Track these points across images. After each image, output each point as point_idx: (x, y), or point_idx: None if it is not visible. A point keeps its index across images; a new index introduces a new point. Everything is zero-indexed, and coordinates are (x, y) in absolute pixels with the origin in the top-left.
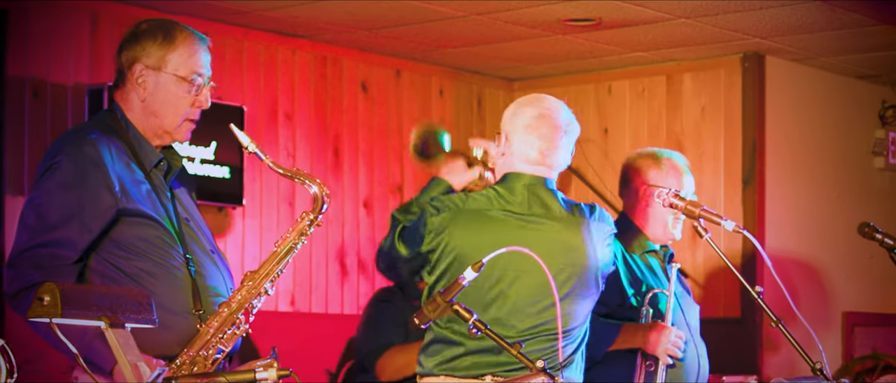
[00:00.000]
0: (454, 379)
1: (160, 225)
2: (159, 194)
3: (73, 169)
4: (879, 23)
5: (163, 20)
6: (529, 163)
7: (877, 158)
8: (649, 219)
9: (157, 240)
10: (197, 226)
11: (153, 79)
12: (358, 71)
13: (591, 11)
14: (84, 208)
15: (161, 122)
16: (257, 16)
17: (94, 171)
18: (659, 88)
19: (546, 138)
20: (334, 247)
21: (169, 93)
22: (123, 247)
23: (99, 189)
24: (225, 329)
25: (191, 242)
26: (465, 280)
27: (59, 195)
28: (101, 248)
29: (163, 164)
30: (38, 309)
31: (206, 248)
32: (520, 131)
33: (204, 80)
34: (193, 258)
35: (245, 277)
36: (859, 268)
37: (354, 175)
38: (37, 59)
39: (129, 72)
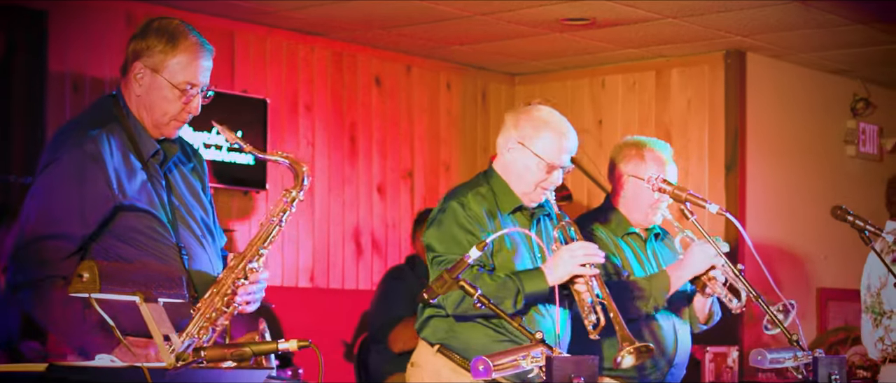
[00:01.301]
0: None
1: (154, 216)
2: (154, 184)
3: (73, 165)
4: (852, 22)
5: (173, 23)
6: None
7: (848, 147)
8: (629, 205)
9: (151, 231)
10: (188, 211)
11: (149, 79)
12: (372, 66)
13: (586, 11)
14: (83, 203)
15: (152, 118)
16: (279, 15)
17: (93, 167)
18: (649, 82)
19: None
20: (350, 228)
21: (161, 95)
22: (120, 238)
23: (97, 184)
24: (215, 309)
25: (182, 229)
26: (470, 258)
27: (59, 190)
28: (100, 239)
29: (159, 154)
30: (78, 284)
31: (196, 233)
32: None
33: (196, 91)
34: (185, 245)
35: (231, 259)
36: (832, 248)
37: (369, 162)
38: (76, 55)
39: (131, 66)
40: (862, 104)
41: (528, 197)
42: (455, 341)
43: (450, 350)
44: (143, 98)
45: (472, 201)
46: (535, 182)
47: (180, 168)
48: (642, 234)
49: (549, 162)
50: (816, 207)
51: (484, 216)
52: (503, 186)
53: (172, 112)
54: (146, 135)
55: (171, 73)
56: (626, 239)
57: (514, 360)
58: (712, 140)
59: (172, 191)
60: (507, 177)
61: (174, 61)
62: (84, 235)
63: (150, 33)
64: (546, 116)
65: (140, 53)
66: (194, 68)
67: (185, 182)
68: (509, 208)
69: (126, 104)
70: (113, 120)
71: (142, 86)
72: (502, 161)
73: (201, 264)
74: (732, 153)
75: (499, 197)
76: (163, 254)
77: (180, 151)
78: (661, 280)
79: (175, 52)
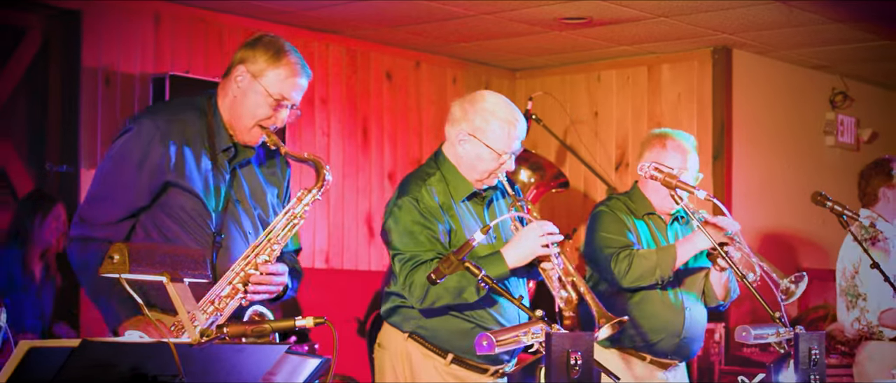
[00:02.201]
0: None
1: (201, 200)
2: (217, 175)
3: (139, 138)
4: (831, 21)
5: (280, 41)
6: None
7: (827, 137)
8: (650, 190)
9: (195, 213)
10: (245, 208)
11: (248, 83)
12: (383, 62)
13: (582, 11)
14: (138, 174)
15: (240, 119)
16: (297, 15)
17: (156, 143)
18: (641, 77)
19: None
20: (363, 213)
21: (255, 100)
22: (166, 212)
23: (155, 159)
24: (217, 295)
25: (230, 220)
26: (475, 241)
27: (121, 159)
28: (151, 209)
29: (230, 150)
30: (108, 266)
31: (244, 227)
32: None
33: (287, 105)
34: (225, 234)
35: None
36: (813, 231)
37: (380, 151)
38: (108, 51)
39: (234, 68)
40: (840, 97)
41: (481, 183)
42: (424, 330)
43: (421, 338)
44: (237, 98)
45: (425, 196)
46: (488, 170)
47: (253, 168)
48: (664, 218)
49: (501, 151)
50: (798, 194)
51: (438, 208)
52: (455, 173)
53: (260, 117)
54: (224, 133)
55: (269, 82)
56: (646, 219)
57: (516, 336)
58: (700, 131)
59: (234, 185)
60: (458, 165)
61: (274, 73)
62: (136, 204)
63: (259, 44)
64: (492, 106)
65: (245, 60)
66: (290, 84)
67: (253, 182)
68: (462, 195)
69: (217, 103)
70: (198, 110)
71: (240, 88)
72: (454, 150)
73: (236, 256)
74: (719, 143)
75: (451, 185)
76: (201, 235)
77: (261, 155)
78: (668, 252)
79: (277, 65)
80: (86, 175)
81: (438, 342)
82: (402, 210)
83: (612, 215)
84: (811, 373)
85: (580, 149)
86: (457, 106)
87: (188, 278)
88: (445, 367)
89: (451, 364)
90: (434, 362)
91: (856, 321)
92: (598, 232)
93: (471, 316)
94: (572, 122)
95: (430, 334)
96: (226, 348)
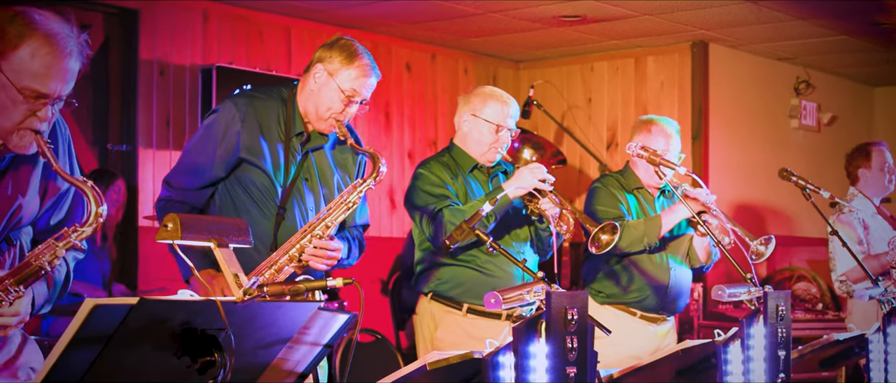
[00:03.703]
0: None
1: (269, 176)
2: (289, 155)
3: (222, 118)
4: (795, 18)
5: (356, 46)
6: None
7: (792, 120)
8: (638, 169)
9: (264, 187)
10: (311, 186)
11: (324, 79)
12: (403, 55)
13: (577, 10)
14: (218, 149)
15: (316, 110)
16: (327, 13)
17: (235, 123)
18: (629, 68)
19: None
20: (386, 188)
21: (329, 95)
22: (240, 185)
23: (233, 137)
24: (274, 262)
25: (295, 197)
26: (484, 212)
27: (205, 135)
28: (227, 181)
29: (302, 136)
30: (163, 233)
31: (307, 204)
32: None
33: (357, 100)
34: (288, 208)
35: (304, 227)
36: (779, 202)
37: (401, 133)
38: (162, 45)
39: (313, 66)
40: (803, 85)
41: (484, 157)
42: (442, 286)
43: (439, 295)
44: (314, 92)
45: (434, 167)
46: (488, 143)
47: (324, 153)
48: (651, 191)
49: (497, 124)
50: (766, 169)
51: (447, 176)
52: (461, 153)
53: (334, 110)
54: (299, 120)
55: (343, 80)
56: (635, 193)
57: (520, 294)
58: (681, 115)
59: (304, 166)
60: (464, 145)
61: (347, 72)
62: (214, 175)
63: (335, 46)
64: (490, 91)
65: (323, 59)
66: (361, 83)
67: (323, 165)
68: (468, 168)
69: (296, 94)
70: (279, 98)
71: (317, 83)
72: (460, 133)
73: (296, 227)
74: (698, 126)
75: (458, 161)
76: (267, 207)
77: (335, 143)
78: (655, 221)
79: (350, 66)
80: (143, 153)
81: (453, 296)
82: (418, 180)
83: (606, 190)
84: (778, 327)
85: (576, 131)
86: (461, 98)
87: (232, 244)
88: (463, 317)
89: (468, 314)
90: (453, 315)
91: (837, 282)
92: (594, 205)
93: (481, 267)
94: (569, 108)
95: (446, 290)
96: (266, 305)
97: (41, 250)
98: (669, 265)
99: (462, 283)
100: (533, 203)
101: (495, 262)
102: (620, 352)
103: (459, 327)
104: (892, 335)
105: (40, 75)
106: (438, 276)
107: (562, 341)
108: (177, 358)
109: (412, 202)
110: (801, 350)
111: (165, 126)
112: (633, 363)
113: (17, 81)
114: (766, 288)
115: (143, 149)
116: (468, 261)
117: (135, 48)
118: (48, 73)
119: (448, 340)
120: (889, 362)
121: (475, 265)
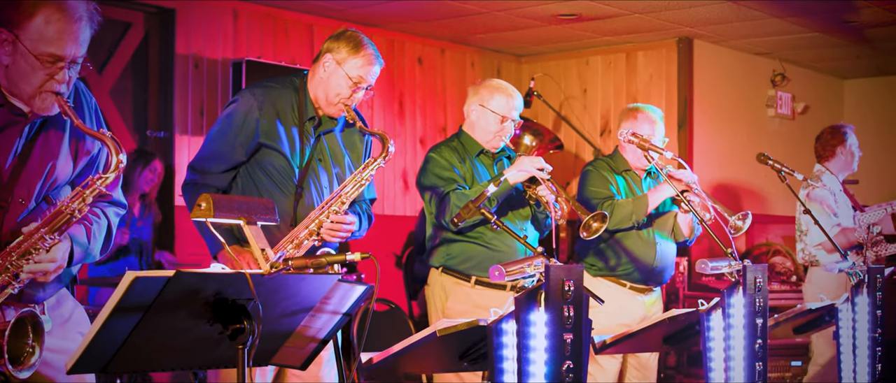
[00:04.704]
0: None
1: (287, 158)
2: (303, 139)
3: (241, 107)
4: (771, 17)
5: (361, 37)
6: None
7: (769, 109)
8: (627, 152)
9: (282, 169)
10: (325, 166)
11: (332, 68)
12: (415, 50)
13: (574, 9)
14: (238, 136)
15: (326, 96)
16: (346, 11)
17: (253, 111)
18: (621, 62)
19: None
20: (399, 170)
21: (338, 82)
22: (259, 167)
23: (251, 125)
24: (296, 237)
25: (310, 177)
26: (489, 192)
27: (226, 123)
28: (248, 164)
29: (314, 120)
30: (197, 211)
31: (321, 182)
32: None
33: (364, 86)
34: (305, 187)
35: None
36: (756, 183)
37: (413, 121)
38: (196, 41)
39: (322, 56)
40: (779, 77)
41: (490, 143)
42: (452, 260)
43: (449, 268)
44: (323, 80)
45: (444, 151)
46: (493, 132)
47: (335, 136)
48: (639, 173)
49: (502, 115)
50: (744, 154)
51: (456, 159)
52: (469, 139)
53: (343, 95)
54: (311, 106)
55: (350, 68)
56: (624, 175)
57: (521, 268)
58: (668, 105)
59: (317, 148)
60: (472, 132)
61: (353, 61)
62: (236, 159)
63: (342, 38)
64: (497, 84)
65: (331, 50)
66: (366, 70)
67: (334, 146)
68: (474, 152)
69: (307, 82)
70: (292, 87)
71: (326, 71)
72: (468, 121)
73: (314, 204)
74: (683, 114)
75: (466, 146)
76: (285, 187)
77: (343, 126)
78: (642, 200)
79: (357, 55)
80: (179, 139)
81: (463, 269)
82: (429, 163)
83: (597, 173)
84: (756, 297)
85: (572, 119)
86: (471, 89)
87: (260, 221)
88: (472, 289)
89: (476, 285)
90: (462, 287)
91: (801, 251)
92: (586, 186)
93: (488, 243)
94: (566, 98)
95: (456, 264)
96: (291, 277)
97: (70, 198)
98: (656, 240)
99: (471, 258)
100: (531, 189)
101: (500, 239)
102: (612, 320)
103: (468, 297)
104: (860, 304)
105: (55, 40)
106: (449, 251)
107: (559, 310)
108: (209, 325)
109: (423, 183)
110: (776, 318)
111: (199, 114)
112: (623, 330)
113: (35, 48)
114: (745, 262)
115: (179, 136)
116: (476, 238)
117: (171, 44)
118: (62, 38)
119: (457, 309)
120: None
121: (482, 241)
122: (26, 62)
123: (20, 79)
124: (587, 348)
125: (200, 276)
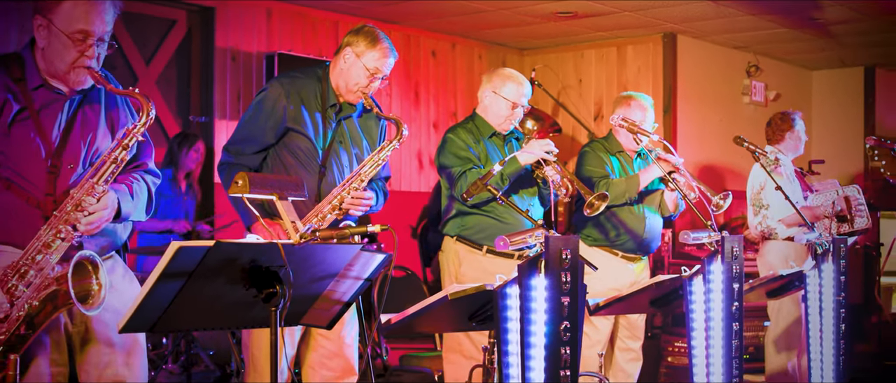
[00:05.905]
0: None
1: (311, 141)
2: (325, 123)
3: (270, 95)
4: (747, 14)
5: (378, 32)
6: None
7: (744, 97)
8: (620, 136)
9: (307, 151)
10: (346, 148)
11: (352, 60)
12: (429, 44)
13: (570, 7)
14: (267, 121)
15: (346, 84)
16: (368, 10)
17: (280, 98)
18: (612, 55)
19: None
20: (415, 151)
21: (357, 72)
22: (287, 149)
23: (279, 111)
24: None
25: (333, 157)
26: (495, 171)
27: (256, 109)
28: (276, 147)
29: (336, 106)
30: (235, 188)
31: (342, 162)
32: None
33: (379, 76)
34: (328, 167)
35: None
36: (734, 163)
37: (427, 107)
38: (234, 36)
39: (343, 49)
40: (754, 68)
41: (501, 126)
42: (467, 231)
43: (463, 238)
44: (343, 71)
45: (460, 132)
46: (504, 116)
47: (354, 120)
48: (630, 154)
49: (513, 102)
50: (723, 137)
51: (471, 140)
52: (483, 121)
53: (361, 85)
54: (332, 93)
55: (368, 60)
56: (618, 156)
57: (523, 238)
58: (655, 93)
59: (338, 132)
60: (485, 115)
61: (371, 54)
62: (266, 142)
63: (361, 33)
64: (509, 73)
65: (351, 43)
66: (382, 62)
67: (353, 130)
68: (487, 134)
69: (329, 73)
70: (315, 77)
71: (346, 63)
72: (482, 105)
73: (336, 182)
74: (668, 102)
75: (480, 128)
76: (310, 167)
77: (361, 112)
78: (634, 179)
79: (374, 48)
80: (218, 124)
81: (476, 239)
82: (446, 143)
83: (593, 154)
84: (733, 265)
85: (569, 106)
86: (485, 77)
87: (291, 197)
88: (483, 257)
89: (487, 254)
90: (474, 255)
91: (758, 224)
92: (584, 166)
93: (499, 217)
94: (563, 87)
95: (470, 234)
96: (318, 247)
97: (112, 147)
98: (645, 214)
99: (483, 229)
100: (540, 169)
101: (510, 213)
102: (605, 285)
103: (479, 265)
104: (827, 271)
105: (83, 18)
106: (464, 223)
107: (558, 276)
108: (245, 290)
109: (441, 161)
110: (751, 283)
111: (237, 101)
112: (614, 294)
113: (67, 28)
114: (723, 233)
115: (218, 120)
116: (489, 212)
117: (212, 38)
118: (89, 16)
119: (470, 275)
120: (823, 293)
121: (494, 215)
122: (60, 42)
123: (55, 57)
124: (582, 310)
125: (237, 246)
